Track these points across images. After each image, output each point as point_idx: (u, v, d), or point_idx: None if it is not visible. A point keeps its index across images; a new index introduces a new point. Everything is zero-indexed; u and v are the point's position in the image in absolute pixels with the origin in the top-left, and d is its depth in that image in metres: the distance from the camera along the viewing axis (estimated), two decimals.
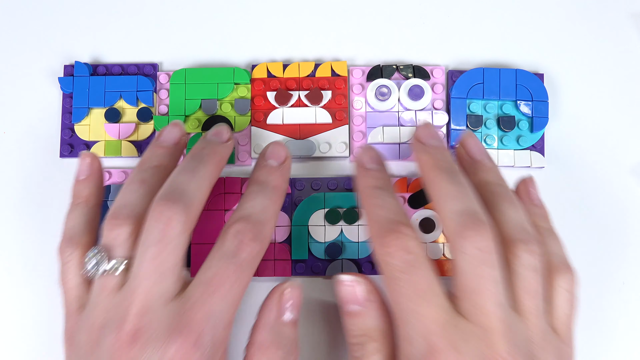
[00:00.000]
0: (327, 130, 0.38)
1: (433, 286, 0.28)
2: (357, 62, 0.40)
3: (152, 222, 0.28)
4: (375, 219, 0.29)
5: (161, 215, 0.28)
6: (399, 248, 0.28)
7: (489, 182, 0.32)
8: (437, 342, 0.27)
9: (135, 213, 0.29)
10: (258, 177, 0.32)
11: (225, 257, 0.28)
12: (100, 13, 0.41)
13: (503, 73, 0.39)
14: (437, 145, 0.32)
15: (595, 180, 0.39)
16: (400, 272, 0.28)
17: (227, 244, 0.29)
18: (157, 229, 0.28)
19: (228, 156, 0.32)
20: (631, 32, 0.41)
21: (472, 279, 0.27)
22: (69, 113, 0.39)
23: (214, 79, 0.39)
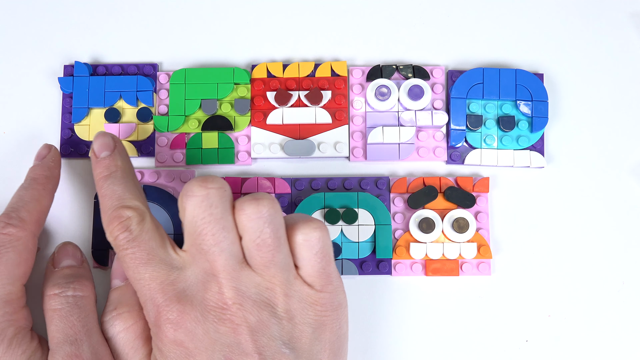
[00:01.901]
0: (327, 130, 0.38)
1: (154, 251, 0.30)
2: (357, 62, 0.40)
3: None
4: (103, 209, 0.32)
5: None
6: (121, 230, 0.30)
7: None
8: (159, 299, 0.29)
9: None
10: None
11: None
12: (100, 13, 0.41)
13: (503, 73, 0.39)
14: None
15: (595, 180, 0.39)
16: (123, 249, 0.30)
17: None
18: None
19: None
20: (631, 32, 0.40)
21: (195, 223, 0.29)
22: (69, 113, 0.39)
23: (214, 79, 0.39)
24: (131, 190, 0.32)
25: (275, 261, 0.30)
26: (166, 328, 0.29)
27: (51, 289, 0.33)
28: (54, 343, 0.32)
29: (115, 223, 0.30)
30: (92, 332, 0.32)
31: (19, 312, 0.32)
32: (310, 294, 0.31)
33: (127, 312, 0.32)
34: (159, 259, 0.30)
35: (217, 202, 0.30)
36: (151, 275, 0.30)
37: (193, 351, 0.29)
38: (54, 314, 0.32)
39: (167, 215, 0.37)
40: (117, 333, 0.32)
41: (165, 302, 0.29)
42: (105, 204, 0.32)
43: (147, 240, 0.30)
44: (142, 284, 0.30)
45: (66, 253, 0.35)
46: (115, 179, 0.32)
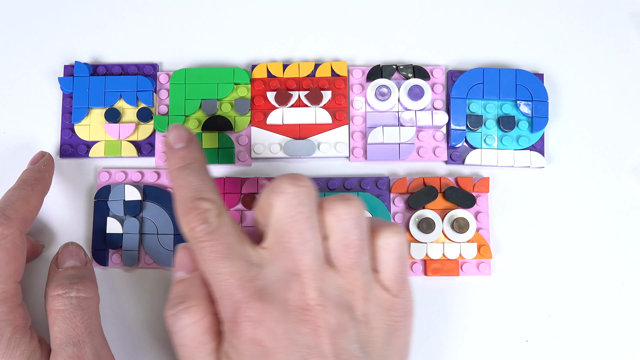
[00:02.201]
0: (327, 130, 0.38)
1: (233, 246, 0.29)
2: (357, 62, 0.40)
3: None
4: (179, 200, 0.31)
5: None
6: (198, 222, 0.30)
7: None
8: (238, 295, 0.28)
9: None
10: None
11: None
12: (100, 13, 0.41)
13: (503, 73, 0.39)
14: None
15: (595, 180, 0.39)
16: (201, 241, 0.29)
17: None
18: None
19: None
20: (631, 32, 0.40)
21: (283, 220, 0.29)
22: (69, 113, 0.39)
23: (214, 79, 0.39)
24: (207, 184, 0.31)
25: (360, 263, 0.29)
26: (245, 325, 0.28)
27: (54, 289, 0.32)
28: (57, 344, 0.31)
29: (192, 214, 0.30)
30: (95, 334, 0.32)
31: (15, 310, 0.32)
32: (387, 298, 0.30)
33: (195, 306, 0.30)
34: (238, 254, 0.29)
35: (306, 201, 0.29)
36: (230, 271, 0.29)
37: (271, 350, 0.28)
38: (57, 315, 0.32)
39: (167, 215, 0.37)
40: (185, 327, 0.30)
41: (245, 299, 0.28)
42: (181, 195, 0.31)
43: (225, 234, 0.30)
44: (220, 279, 0.29)
45: (70, 254, 0.35)
46: (191, 171, 0.32)
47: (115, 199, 0.37)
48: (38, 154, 0.37)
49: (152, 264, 0.37)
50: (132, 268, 0.38)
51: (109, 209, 0.38)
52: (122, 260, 0.37)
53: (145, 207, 0.38)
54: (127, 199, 0.37)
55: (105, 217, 0.37)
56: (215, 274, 0.29)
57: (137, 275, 0.38)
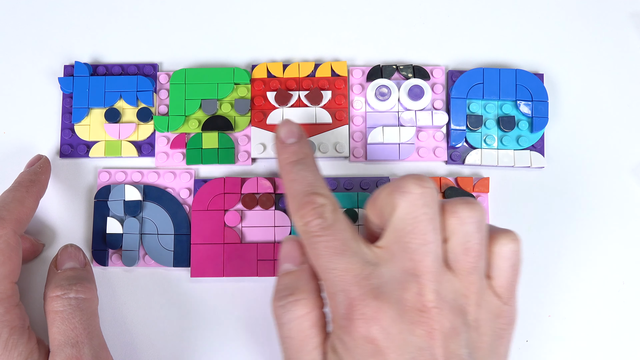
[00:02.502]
0: (327, 130, 0.38)
1: (348, 243, 0.29)
2: (357, 62, 0.40)
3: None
4: (292, 194, 0.31)
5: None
6: (313, 217, 0.30)
7: None
8: (354, 292, 0.28)
9: None
10: None
11: None
12: (100, 13, 0.41)
13: (503, 73, 0.39)
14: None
15: (595, 180, 0.39)
16: (316, 236, 0.29)
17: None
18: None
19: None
20: (631, 32, 0.40)
21: (407, 220, 0.29)
22: (69, 113, 0.39)
23: (214, 79, 0.39)
24: (320, 179, 0.31)
25: (478, 268, 0.29)
26: (359, 323, 0.28)
27: (53, 290, 0.32)
28: (55, 345, 0.31)
29: (307, 208, 0.30)
30: (94, 335, 0.32)
31: (12, 311, 0.32)
32: (497, 305, 0.30)
33: (304, 299, 0.30)
34: (353, 251, 0.29)
35: (431, 202, 0.29)
36: (345, 267, 0.29)
37: (384, 350, 0.28)
38: (55, 316, 0.32)
39: (167, 215, 0.38)
40: (294, 319, 0.30)
41: (361, 297, 0.28)
42: (295, 189, 0.31)
43: (341, 230, 0.30)
44: (335, 274, 0.29)
45: (69, 255, 0.35)
46: (305, 165, 0.32)
47: (115, 199, 0.37)
48: (35, 157, 0.37)
49: (152, 264, 0.37)
50: (132, 268, 0.38)
51: (109, 209, 0.38)
52: (122, 260, 0.37)
53: (145, 207, 0.38)
54: (127, 199, 0.37)
55: (105, 217, 0.37)
56: (330, 270, 0.29)
57: (137, 275, 0.38)
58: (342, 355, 0.28)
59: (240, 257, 0.37)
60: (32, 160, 0.37)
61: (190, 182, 0.38)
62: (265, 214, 0.38)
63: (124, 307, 0.37)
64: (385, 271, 0.29)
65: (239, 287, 0.38)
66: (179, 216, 0.38)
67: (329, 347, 0.30)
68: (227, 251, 0.37)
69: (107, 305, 0.37)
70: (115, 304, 0.37)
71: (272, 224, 0.37)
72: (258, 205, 0.38)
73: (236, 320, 0.37)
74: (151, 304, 0.37)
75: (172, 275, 0.38)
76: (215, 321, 0.37)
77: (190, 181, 0.38)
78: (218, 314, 0.37)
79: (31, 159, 0.37)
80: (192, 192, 0.38)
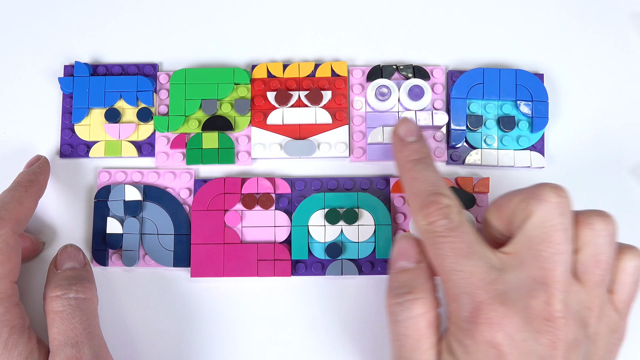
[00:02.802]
0: (327, 130, 0.38)
1: (474, 246, 0.29)
2: (357, 62, 0.40)
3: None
4: (415, 192, 0.31)
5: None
6: (439, 217, 0.30)
7: None
8: (480, 295, 0.28)
9: None
10: None
11: None
12: (100, 13, 0.41)
13: (503, 73, 0.39)
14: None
15: (595, 180, 0.39)
16: (441, 236, 0.30)
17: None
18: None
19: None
20: (631, 32, 0.41)
21: (542, 228, 0.29)
22: (69, 113, 0.39)
23: (214, 79, 0.39)
24: (442, 180, 0.32)
25: (604, 282, 0.29)
26: (484, 327, 0.28)
27: (53, 290, 0.32)
28: (55, 345, 0.31)
29: (432, 208, 0.30)
30: (94, 335, 0.32)
31: (12, 311, 0.32)
32: (615, 320, 0.30)
33: (422, 299, 0.30)
34: (479, 254, 0.29)
35: (567, 212, 0.29)
36: (471, 270, 0.29)
37: (506, 356, 0.28)
38: (55, 316, 0.32)
39: (167, 215, 0.37)
40: (411, 318, 0.30)
41: (488, 301, 0.28)
42: (417, 187, 0.31)
43: (467, 232, 0.30)
44: (460, 277, 0.29)
45: (69, 255, 0.35)
46: (427, 165, 0.32)
47: (115, 199, 0.37)
48: (34, 158, 0.37)
49: (152, 264, 0.37)
50: (132, 268, 0.38)
51: (109, 209, 0.38)
52: (122, 260, 0.37)
53: (145, 207, 0.38)
54: (127, 199, 0.37)
55: (106, 217, 0.37)
56: (456, 271, 0.29)
57: (137, 275, 0.38)
58: (460, 358, 0.29)
59: (240, 257, 0.37)
60: (31, 160, 0.37)
61: (190, 182, 0.38)
62: (265, 214, 0.38)
63: (124, 307, 0.37)
64: (511, 277, 0.29)
65: (239, 287, 0.38)
66: (179, 216, 0.38)
67: (443, 348, 0.30)
68: (227, 251, 0.37)
69: (107, 305, 0.37)
70: (115, 304, 0.37)
71: (272, 224, 0.37)
72: (258, 205, 0.38)
73: (236, 320, 0.37)
74: (151, 304, 0.37)
75: (172, 275, 0.38)
76: (215, 321, 0.37)
77: (190, 181, 0.38)
78: (218, 314, 0.37)
79: (30, 159, 0.37)
80: (192, 192, 0.38)
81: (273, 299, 0.37)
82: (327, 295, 0.37)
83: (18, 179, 0.36)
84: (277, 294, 0.38)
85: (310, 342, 0.37)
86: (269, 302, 0.37)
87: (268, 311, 0.37)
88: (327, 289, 0.38)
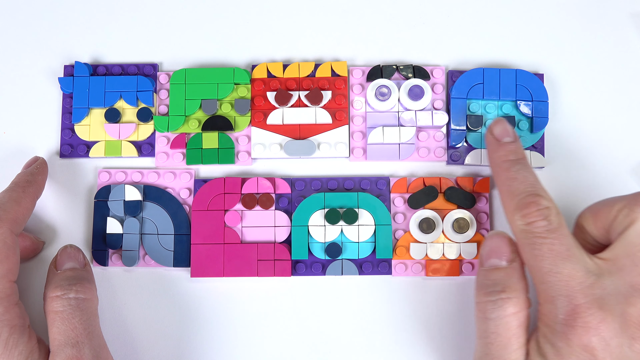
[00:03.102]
0: (327, 131, 0.38)
1: (572, 249, 0.30)
2: (357, 62, 0.40)
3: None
4: (513, 192, 0.31)
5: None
6: (539, 218, 0.30)
7: None
8: (579, 299, 0.29)
9: None
10: None
11: None
12: (100, 13, 0.41)
13: (503, 73, 0.39)
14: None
15: (595, 180, 0.39)
16: (540, 238, 0.30)
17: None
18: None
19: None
20: (631, 32, 0.40)
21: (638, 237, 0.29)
22: (69, 113, 0.39)
23: (214, 79, 0.39)
24: (540, 182, 0.32)
25: None
26: (580, 330, 0.28)
27: (53, 291, 0.32)
28: (55, 345, 0.31)
29: (532, 208, 0.30)
30: (94, 335, 0.32)
31: (12, 310, 0.32)
32: None
33: (516, 298, 0.31)
34: (577, 258, 0.30)
35: None
36: (570, 273, 0.29)
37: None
38: (55, 316, 0.32)
39: (167, 215, 0.38)
40: (504, 316, 0.30)
41: (587, 305, 0.29)
42: (515, 187, 0.32)
43: (566, 235, 0.30)
44: (559, 279, 0.29)
45: (68, 256, 0.35)
46: (524, 166, 0.33)
47: (115, 199, 0.37)
48: (32, 159, 0.37)
49: (152, 264, 0.37)
50: (132, 268, 0.38)
51: (109, 209, 0.38)
52: (122, 260, 0.37)
53: (145, 207, 0.38)
54: (127, 199, 0.37)
55: (106, 217, 0.37)
56: (554, 273, 0.29)
57: (137, 275, 0.38)
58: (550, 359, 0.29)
59: (240, 257, 0.37)
60: (29, 161, 0.37)
61: (190, 182, 0.38)
62: (265, 214, 0.38)
63: (124, 307, 0.37)
64: (608, 283, 0.29)
65: (239, 287, 0.38)
66: (179, 216, 0.38)
67: (532, 348, 0.30)
68: (227, 251, 0.37)
69: (107, 305, 0.37)
70: (115, 304, 0.37)
71: (272, 224, 0.37)
72: (258, 205, 0.38)
73: (236, 320, 0.37)
74: (151, 304, 0.37)
75: (172, 275, 0.38)
76: (215, 321, 0.37)
77: (190, 181, 0.38)
78: (218, 314, 0.37)
79: (28, 160, 0.37)
80: (192, 192, 0.38)
81: (273, 299, 0.37)
82: (327, 295, 0.37)
83: (16, 179, 0.36)
84: (277, 294, 0.38)
85: (310, 342, 0.37)
86: (269, 302, 0.37)
87: (268, 311, 0.37)
88: (327, 289, 0.38)
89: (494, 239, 0.33)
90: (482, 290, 0.31)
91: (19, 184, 0.35)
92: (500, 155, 0.33)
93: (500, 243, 0.32)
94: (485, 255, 0.33)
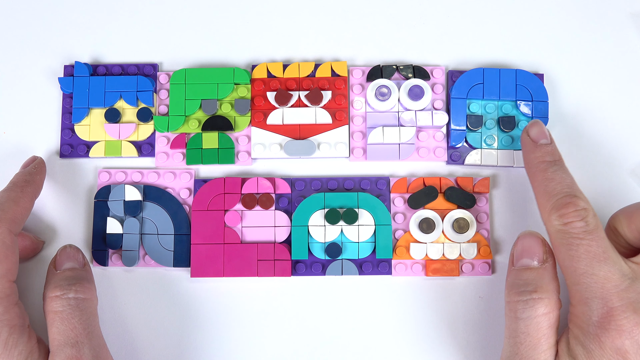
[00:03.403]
0: (327, 131, 0.38)
1: (608, 251, 0.30)
2: (357, 62, 0.40)
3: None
4: (550, 192, 0.32)
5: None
6: (577, 219, 0.30)
7: None
8: (614, 301, 0.29)
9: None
10: None
11: None
12: (100, 13, 0.41)
13: (503, 73, 0.39)
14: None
15: (595, 181, 0.39)
16: (577, 238, 0.30)
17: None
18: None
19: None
20: (631, 32, 0.40)
21: None
22: (69, 113, 0.39)
23: (214, 79, 0.39)
24: (576, 184, 0.32)
25: None
26: (614, 333, 0.29)
27: (52, 291, 0.33)
28: (55, 345, 0.31)
29: (569, 209, 0.31)
30: (94, 335, 0.32)
31: (11, 310, 0.32)
32: None
33: (547, 299, 0.31)
34: (613, 261, 0.30)
35: None
36: (605, 275, 0.30)
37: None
38: (55, 316, 0.32)
39: (167, 215, 0.38)
40: (535, 316, 0.31)
41: (622, 308, 0.29)
42: (552, 188, 0.32)
43: (602, 237, 0.30)
44: (594, 280, 0.30)
45: (68, 256, 0.35)
46: (561, 167, 0.33)
47: (115, 199, 0.37)
48: (30, 159, 0.37)
49: (152, 264, 0.37)
50: (132, 268, 0.38)
51: (109, 209, 0.38)
52: (122, 260, 0.37)
53: (145, 207, 0.38)
54: (127, 199, 0.37)
55: (106, 217, 0.37)
56: (589, 275, 0.30)
57: (137, 275, 0.38)
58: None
59: (240, 257, 0.37)
60: (27, 161, 0.37)
61: (190, 182, 0.38)
62: (265, 214, 0.38)
63: (124, 307, 0.37)
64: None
65: (239, 287, 0.38)
66: (179, 216, 0.38)
67: (562, 349, 0.30)
68: (227, 251, 0.37)
69: (107, 305, 0.37)
70: (115, 304, 0.37)
71: (272, 224, 0.37)
72: (258, 205, 0.38)
73: (236, 320, 0.37)
74: (151, 304, 0.37)
75: (172, 275, 0.38)
76: (215, 321, 0.37)
77: (190, 181, 0.38)
78: (218, 314, 0.37)
79: (26, 160, 0.37)
80: (192, 192, 0.38)
81: (273, 299, 0.37)
82: (327, 295, 0.37)
83: (14, 179, 0.36)
84: (277, 294, 0.38)
85: (310, 342, 0.37)
86: (269, 302, 0.37)
87: (268, 311, 0.37)
88: (327, 289, 0.38)
89: (526, 238, 0.33)
90: (513, 290, 0.32)
91: (17, 184, 0.35)
92: (537, 156, 0.34)
93: (533, 243, 0.33)
94: (517, 255, 0.33)
